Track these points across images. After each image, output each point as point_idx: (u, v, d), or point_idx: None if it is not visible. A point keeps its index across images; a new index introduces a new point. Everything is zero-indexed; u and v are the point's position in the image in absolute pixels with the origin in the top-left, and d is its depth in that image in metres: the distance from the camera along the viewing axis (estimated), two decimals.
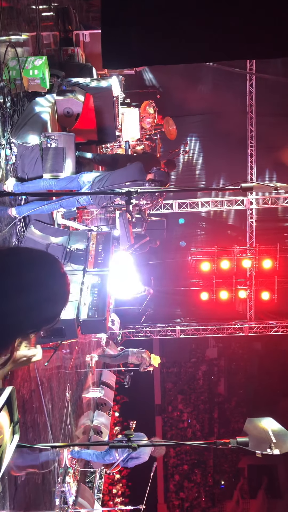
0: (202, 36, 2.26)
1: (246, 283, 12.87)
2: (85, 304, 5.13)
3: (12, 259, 1.47)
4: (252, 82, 11.72)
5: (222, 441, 2.56)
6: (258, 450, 2.43)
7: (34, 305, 1.46)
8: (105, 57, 2.46)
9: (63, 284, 1.55)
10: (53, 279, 1.52)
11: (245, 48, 2.40)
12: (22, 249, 1.60)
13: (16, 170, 5.23)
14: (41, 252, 1.55)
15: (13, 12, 5.33)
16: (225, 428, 18.35)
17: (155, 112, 10.30)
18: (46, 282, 1.49)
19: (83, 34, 8.34)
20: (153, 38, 2.33)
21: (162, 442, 6.56)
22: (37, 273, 1.48)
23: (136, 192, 2.94)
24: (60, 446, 6.11)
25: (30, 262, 1.49)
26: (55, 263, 1.55)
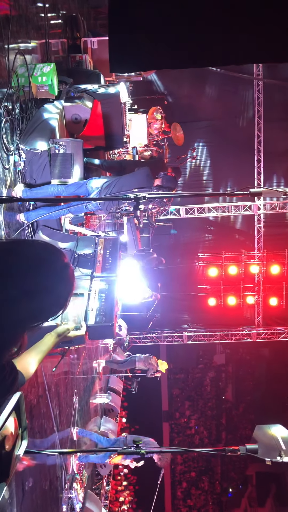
0: (209, 40, 2.26)
1: (254, 288, 12.81)
2: (93, 309, 5.12)
3: (16, 254, 1.50)
4: (259, 88, 11.72)
5: (231, 448, 2.54)
6: (268, 458, 2.41)
7: (40, 301, 1.48)
8: (113, 61, 2.47)
9: (67, 275, 1.57)
10: (57, 271, 1.54)
11: (254, 52, 2.40)
12: (24, 245, 1.61)
13: (25, 176, 5.26)
14: (43, 245, 1.57)
15: (22, 20, 5.39)
16: (233, 434, 18.21)
17: (162, 118, 10.33)
18: (50, 275, 1.51)
19: (91, 41, 8.40)
20: (160, 42, 2.34)
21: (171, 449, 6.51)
22: (40, 265, 1.51)
23: (145, 198, 2.95)
24: (67, 452, 6.09)
25: (33, 258, 1.51)
26: (58, 255, 1.57)
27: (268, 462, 2.42)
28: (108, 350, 11.32)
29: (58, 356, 5.07)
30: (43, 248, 1.56)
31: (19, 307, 1.43)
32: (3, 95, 4.68)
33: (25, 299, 1.44)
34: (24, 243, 1.63)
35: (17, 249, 1.53)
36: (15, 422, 2.24)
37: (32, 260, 1.50)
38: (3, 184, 4.71)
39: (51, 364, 4.63)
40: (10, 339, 1.46)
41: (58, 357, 5.09)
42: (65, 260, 1.58)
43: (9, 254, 1.49)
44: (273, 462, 2.43)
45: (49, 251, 1.56)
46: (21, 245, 1.59)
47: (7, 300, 1.41)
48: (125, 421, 13.51)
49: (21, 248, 1.56)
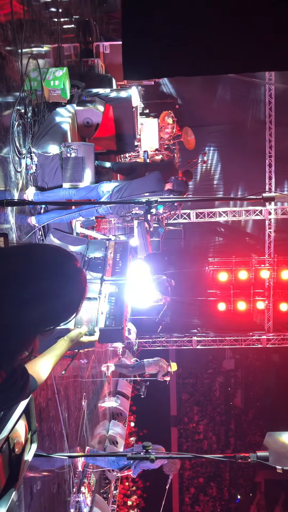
0: (225, 48, 2.25)
1: (264, 294, 12.73)
2: (103, 313, 5.12)
3: (28, 259, 1.50)
4: (271, 92, 11.69)
5: (241, 455, 2.51)
6: (279, 466, 2.38)
7: (52, 305, 1.48)
8: (126, 68, 2.47)
9: (79, 280, 1.57)
10: (70, 276, 1.54)
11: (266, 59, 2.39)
12: (36, 250, 1.60)
13: (36, 179, 5.29)
14: (55, 249, 1.57)
15: (35, 25, 5.43)
16: (241, 440, 18.06)
17: (173, 122, 10.33)
18: (63, 279, 1.51)
19: (103, 46, 8.44)
20: (175, 50, 2.33)
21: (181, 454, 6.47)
22: (53, 270, 1.50)
23: (156, 202, 2.94)
24: (76, 456, 6.08)
25: (45, 262, 1.51)
26: (71, 259, 1.57)
27: (279, 470, 2.39)
28: (117, 354, 11.31)
29: (68, 359, 5.07)
30: (55, 252, 1.56)
31: (30, 311, 1.43)
32: (16, 99, 4.71)
33: (37, 304, 1.44)
34: (36, 247, 1.62)
35: (29, 253, 1.53)
36: (25, 425, 2.24)
37: (45, 264, 1.50)
38: (15, 187, 4.74)
39: (61, 367, 4.63)
40: (21, 343, 1.46)
41: (68, 360, 5.09)
42: (77, 265, 1.57)
43: (21, 258, 1.49)
44: (284, 470, 2.40)
45: (61, 255, 1.56)
46: (33, 249, 1.58)
47: (18, 304, 1.41)
48: (134, 425, 13.46)
49: (33, 252, 1.55)
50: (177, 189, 5.50)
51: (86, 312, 4.56)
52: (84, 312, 4.51)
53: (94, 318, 4.34)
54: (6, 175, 4.52)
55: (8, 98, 4.59)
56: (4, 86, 4.47)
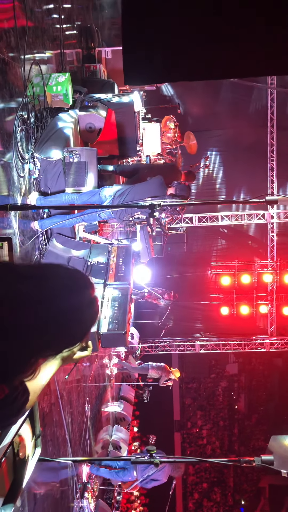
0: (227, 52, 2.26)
1: (267, 297, 12.71)
2: (106, 317, 5.13)
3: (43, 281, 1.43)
4: (273, 97, 11.71)
5: (246, 459, 2.50)
6: (284, 470, 2.36)
7: (57, 331, 1.43)
8: (127, 73, 2.47)
9: (91, 312, 1.52)
10: (82, 306, 1.48)
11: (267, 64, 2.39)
12: (52, 270, 1.52)
13: (39, 184, 5.31)
14: (71, 273, 1.51)
15: (38, 31, 5.47)
16: (245, 445, 17.98)
17: (176, 127, 10.36)
18: (74, 307, 1.45)
19: (105, 51, 8.48)
20: (176, 55, 2.34)
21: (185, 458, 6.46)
22: (65, 297, 1.44)
23: (159, 205, 2.95)
24: (80, 460, 6.07)
25: (59, 288, 1.45)
26: (86, 287, 1.51)
27: (284, 474, 2.38)
28: (120, 358, 11.29)
29: (71, 364, 5.06)
30: (71, 280, 1.49)
31: (34, 335, 1.39)
32: (18, 105, 4.74)
33: (42, 328, 1.39)
34: (51, 270, 1.53)
35: (43, 276, 1.46)
36: (30, 429, 2.24)
37: (58, 290, 1.44)
38: (18, 192, 4.75)
39: (64, 371, 4.63)
40: (23, 366, 1.41)
41: (71, 364, 5.09)
42: (92, 294, 1.52)
43: (34, 280, 1.42)
44: None
45: (77, 283, 1.50)
46: (48, 272, 1.51)
47: (22, 327, 1.36)
48: (137, 430, 13.42)
49: (48, 275, 1.48)
50: (179, 193, 5.51)
51: None
52: None
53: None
54: (9, 180, 4.53)
55: (11, 103, 4.62)
56: (7, 91, 4.49)
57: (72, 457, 6.04)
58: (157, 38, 2.31)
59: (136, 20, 2.31)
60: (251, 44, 2.14)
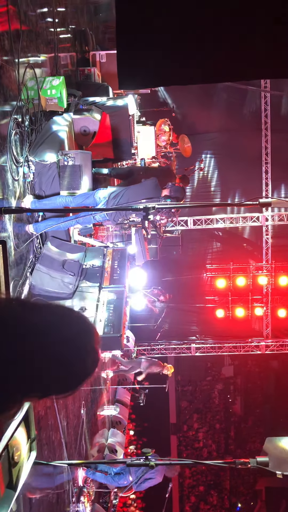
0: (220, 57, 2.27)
1: (262, 300, 12.73)
2: (101, 320, 5.13)
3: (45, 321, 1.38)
4: (266, 100, 11.77)
5: (241, 461, 2.50)
6: (279, 471, 2.37)
7: (49, 377, 1.36)
8: (121, 77, 2.48)
9: (90, 362, 1.44)
10: (80, 356, 1.40)
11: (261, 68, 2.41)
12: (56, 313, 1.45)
13: (34, 187, 5.30)
14: (77, 321, 1.44)
15: (32, 35, 5.48)
16: (242, 448, 17.97)
17: (170, 130, 10.39)
18: (71, 357, 1.38)
19: (99, 55, 8.50)
20: (170, 59, 2.35)
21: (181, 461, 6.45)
22: (66, 343, 1.38)
23: (154, 208, 2.95)
24: (76, 463, 6.05)
25: (65, 334, 1.39)
26: (90, 337, 1.44)
27: (279, 475, 2.39)
28: (116, 362, 11.27)
29: None
30: (77, 326, 1.43)
31: (26, 376, 1.33)
32: (13, 108, 4.74)
33: (36, 372, 1.34)
34: (61, 314, 1.44)
35: (53, 324, 1.39)
36: (25, 432, 2.23)
37: (62, 337, 1.38)
38: (12, 196, 4.75)
39: None
40: (9, 405, 1.37)
41: None
42: (95, 346, 1.44)
43: (41, 326, 1.36)
44: (284, 475, 2.39)
45: (82, 330, 1.43)
46: (56, 315, 1.42)
47: (13, 364, 1.31)
48: (133, 434, 13.39)
49: (55, 318, 1.41)
50: (174, 195, 5.51)
51: None
52: None
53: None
54: (4, 184, 4.53)
55: (5, 107, 4.62)
56: (1, 95, 4.49)
57: (68, 460, 6.02)
58: (151, 44, 2.32)
59: (130, 26, 2.32)
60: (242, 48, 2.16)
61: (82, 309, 5.09)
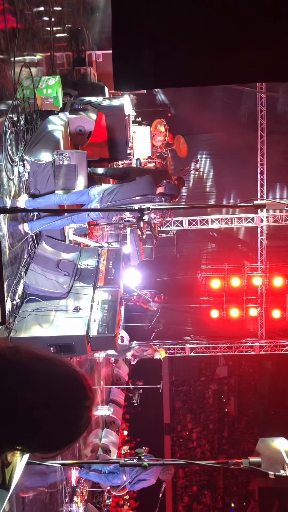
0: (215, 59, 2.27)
1: (256, 300, 12.77)
2: (95, 320, 5.12)
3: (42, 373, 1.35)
4: (262, 101, 11.81)
5: (234, 461, 2.51)
6: (271, 471, 2.38)
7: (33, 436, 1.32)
8: (117, 79, 2.48)
9: (81, 425, 1.40)
10: (73, 418, 1.38)
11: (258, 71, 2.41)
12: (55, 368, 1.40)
13: (29, 187, 5.29)
14: (74, 377, 1.40)
15: (28, 34, 5.46)
16: (235, 448, 18.01)
17: (166, 130, 10.40)
18: (68, 421, 1.36)
19: (95, 54, 8.50)
20: (166, 61, 2.35)
21: (173, 461, 6.46)
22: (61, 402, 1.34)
23: (149, 209, 2.96)
24: (69, 463, 6.04)
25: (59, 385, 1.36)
26: (88, 398, 1.40)
27: (271, 476, 2.40)
28: (110, 361, 11.27)
29: None
30: (75, 387, 1.39)
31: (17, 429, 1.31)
32: (8, 107, 4.73)
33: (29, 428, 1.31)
34: (60, 371, 1.40)
35: (53, 381, 1.36)
36: None
37: (57, 395, 1.35)
38: (7, 195, 4.74)
39: None
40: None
41: None
42: (89, 409, 1.40)
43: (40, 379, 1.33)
44: (276, 476, 2.40)
45: (80, 391, 1.39)
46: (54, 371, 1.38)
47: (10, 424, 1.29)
48: (127, 434, 13.38)
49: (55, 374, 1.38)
50: (169, 192, 5.49)
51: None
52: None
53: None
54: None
55: (0, 106, 4.61)
56: None
57: (61, 460, 6.01)
58: (147, 46, 2.32)
59: (126, 26, 2.32)
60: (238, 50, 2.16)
61: (76, 309, 5.08)
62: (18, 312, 4.93)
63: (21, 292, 5.05)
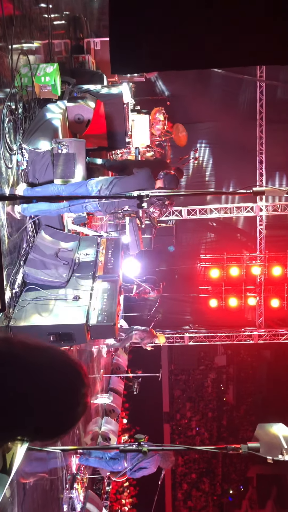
0: (212, 41, 2.25)
1: (255, 290, 12.80)
2: (95, 309, 5.14)
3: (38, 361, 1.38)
4: (262, 89, 11.73)
5: (233, 446, 2.54)
6: (269, 456, 2.41)
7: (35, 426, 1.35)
8: (114, 62, 2.44)
9: (78, 413, 1.42)
10: (71, 405, 1.40)
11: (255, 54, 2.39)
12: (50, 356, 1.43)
13: (27, 175, 5.27)
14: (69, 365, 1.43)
15: (25, 21, 5.41)
16: (234, 436, 18.18)
17: (165, 119, 10.34)
18: (61, 403, 1.38)
19: (94, 42, 8.42)
20: (163, 43, 2.32)
21: (173, 447, 6.53)
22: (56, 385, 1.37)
23: (148, 196, 2.95)
24: (69, 449, 6.09)
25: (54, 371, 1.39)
26: (83, 386, 1.42)
27: (269, 460, 2.43)
28: (110, 351, 11.32)
29: None
30: (70, 374, 1.42)
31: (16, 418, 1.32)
32: (6, 95, 4.70)
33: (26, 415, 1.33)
34: (52, 360, 1.42)
35: (46, 369, 1.38)
36: None
37: (55, 383, 1.37)
38: (6, 184, 4.72)
39: None
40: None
41: None
42: (86, 396, 1.42)
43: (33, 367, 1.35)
44: (274, 461, 2.43)
45: (75, 379, 1.42)
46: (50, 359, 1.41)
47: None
48: (126, 422, 13.49)
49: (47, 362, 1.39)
50: (168, 186, 5.47)
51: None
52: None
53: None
54: None
55: None
56: None
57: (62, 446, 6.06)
58: (144, 27, 2.29)
59: (123, 9, 2.29)
60: (236, 32, 2.14)
61: (76, 298, 5.09)
62: (18, 301, 4.94)
63: (20, 281, 5.06)
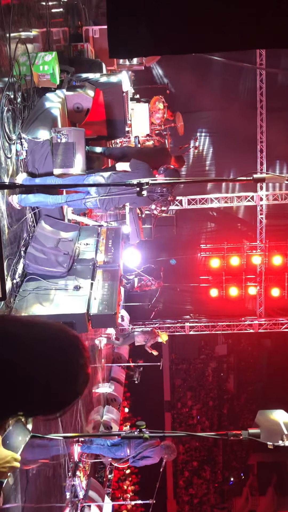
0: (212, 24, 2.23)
1: (256, 279, 12.82)
2: (96, 298, 5.15)
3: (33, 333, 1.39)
4: (262, 77, 11.64)
5: (233, 433, 2.56)
6: (270, 442, 2.44)
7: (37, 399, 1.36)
8: (112, 46, 2.42)
9: (81, 383, 1.44)
10: (76, 381, 1.42)
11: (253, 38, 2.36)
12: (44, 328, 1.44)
13: (27, 165, 5.26)
14: (66, 336, 1.44)
15: (23, 9, 5.35)
16: (235, 425, 18.32)
17: (164, 108, 10.28)
18: (64, 377, 1.39)
19: (92, 30, 8.33)
20: (161, 26, 2.29)
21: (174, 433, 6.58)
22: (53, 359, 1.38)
23: (148, 184, 2.95)
24: (71, 436, 6.16)
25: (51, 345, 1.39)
26: (81, 355, 1.44)
27: (270, 446, 2.45)
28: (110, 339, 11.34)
29: None
30: (66, 341, 1.43)
31: (16, 392, 1.33)
32: (4, 84, 4.66)
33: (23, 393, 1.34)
34: (48, 332, 1.43)
35: (41, 339, 1.39)
36: None
37: (53, 354, 1.38)
38: (5, 173, 4.71)
39: None
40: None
41: None
42: (85, 367, 1.43)
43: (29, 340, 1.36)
44: (275, 446, 2.45)
45: (72, 346, 1.43)
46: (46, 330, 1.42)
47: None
48: (128, 411, 13.59)
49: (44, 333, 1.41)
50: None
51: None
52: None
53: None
54: None
55: None
56: None
57: (64, 433, 6.12)
58: (142, 9, 2.26)
59: None
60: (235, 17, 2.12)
61: (76, 288, 5.10)
62: (19, 291, 4.95)
63: (21, 271, 5.07)
